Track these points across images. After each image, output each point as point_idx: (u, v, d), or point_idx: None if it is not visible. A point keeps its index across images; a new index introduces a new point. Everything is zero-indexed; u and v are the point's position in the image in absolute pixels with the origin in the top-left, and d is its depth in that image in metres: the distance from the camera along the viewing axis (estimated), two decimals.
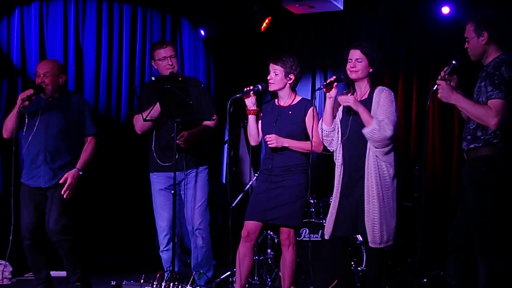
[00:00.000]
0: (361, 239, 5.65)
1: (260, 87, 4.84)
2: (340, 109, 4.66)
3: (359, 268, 5.65)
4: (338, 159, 4.60)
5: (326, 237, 4.57)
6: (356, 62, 4.52)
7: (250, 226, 4.81)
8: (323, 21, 7.66)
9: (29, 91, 4.92)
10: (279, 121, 4.84)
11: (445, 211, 6.88)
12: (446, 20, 6.92)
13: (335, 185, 4.59)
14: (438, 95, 4.01)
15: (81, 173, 5.07)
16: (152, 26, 7.53)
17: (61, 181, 5.00)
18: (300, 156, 4.81)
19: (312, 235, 5.83)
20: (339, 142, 4.59)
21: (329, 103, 4.62)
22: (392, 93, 4.54)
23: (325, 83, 4.62)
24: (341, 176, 4.56)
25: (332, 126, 4.61)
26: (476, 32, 4.04)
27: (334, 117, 4.63)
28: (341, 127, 4.60)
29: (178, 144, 5.06)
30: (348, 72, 4.55)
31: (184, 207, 5.30)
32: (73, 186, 5.03)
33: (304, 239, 5.81)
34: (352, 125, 4.53)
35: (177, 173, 5.06)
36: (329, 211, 4.61)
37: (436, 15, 7.00)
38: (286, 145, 4.77)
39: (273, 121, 4.86)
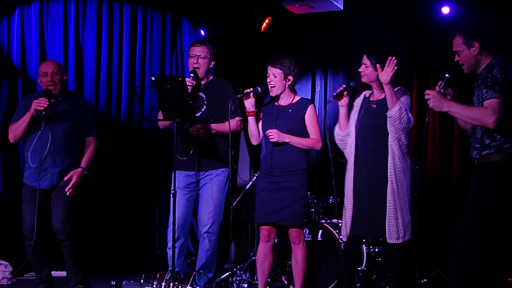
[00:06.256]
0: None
1: (259, 89, 4.93)
2: (357, 107, 4.74)
3: (359, 268, 5.65)
4: (350, 159, 4.66)
5: (345, 238, 4.65)
6: (364, 67, 4.67)
7: (267, 227, 4.97)
8: (323, 21, 7.65)
9: (45, 102, 4.88)
10: (279, 119, 4.93)
11: (445, 211, 6.88)
12: (446, 20, 6.92)
13: (346, 184, 4.65)
14: (430, 106, 4.04)
15: (86, 172, 5.11)
16: (152, 26, 7.54)
17: (65, 178, 5.03)
18: (300, 155, 4.89)
19: (312, 235, 5.82)
20: (352, 140, 4.66)
21: (342, 111, 4.74)
22: (409, 97, 4.68)
23: (334, 94, 4.75)
24: (353, 175, 4.61)
25: (347, 130, 4.71)
26: (466, 44, 4.09)
27: (347, 121, 4.73)
28: (355, 127, 4.67)
29: (197, 144, 5.11)
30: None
31: (197, 207, 5.33)
32: (77, 185, 5.07)
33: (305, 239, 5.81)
34: (363, 122, 4.63)
35: (194, 173, 5.17)
36: (345, 211, 4.65)
37: (436, 15, 7.00)
38: (287, 141, 4.83)
39: (273, 119, 4.95)
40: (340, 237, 4.69)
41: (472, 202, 4.01)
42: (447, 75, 4.11)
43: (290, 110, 4.92)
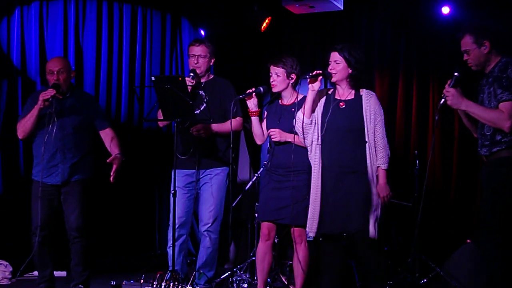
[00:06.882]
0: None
1: (262, 89, 4.94)
2: (321, 104, 4.70)
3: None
4: (316, 154, 4.62)
5: (312, 234, 4.62)
6: (335, 64, 4.62)
7: (267, 226, 4.95)
8: (323, 21, 7.66)
9: (52, 91, 4.89)
10: (283, 118, 4.93)
11: (444, 211, 6.88)
12: (446, 20, 6.91)
13: (313, 180, 4.61)
14: (448, 103, 4.05)
15: (124, 158, 5.17)
16: (152, 26, 7.54)
17: (108, 160, 5.08)
18: (303, 154, 4.87)
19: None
20: (318, 136, 4.61)
21: (310, 95, 4.68)
22: (377, 98, 4.65)
23: (311, 74, 4.66)
24: (321, 171, 4.58)
25: (310, 119, 4.65)
26: (476, 43, 4.09)
27: (313, 110, 4.67)
28: (321, 121, 4.63)
29: (197, 143, 5.13)
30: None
31: (198, 206, 5.33)
32: (119, 170, 5.12)
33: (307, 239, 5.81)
34: (333, 120, 4.58)
35: (195, 171, 5.20)
36: (311, 207, 4.62)
37: (436, 15, 6.99)
38: (290, 140, 4.83)
39: (276, 119, 4.96)
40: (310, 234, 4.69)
41: (485, 198, 4.06)
42: (456, 73, 4.10)
43: (293, 110, 4.91)
